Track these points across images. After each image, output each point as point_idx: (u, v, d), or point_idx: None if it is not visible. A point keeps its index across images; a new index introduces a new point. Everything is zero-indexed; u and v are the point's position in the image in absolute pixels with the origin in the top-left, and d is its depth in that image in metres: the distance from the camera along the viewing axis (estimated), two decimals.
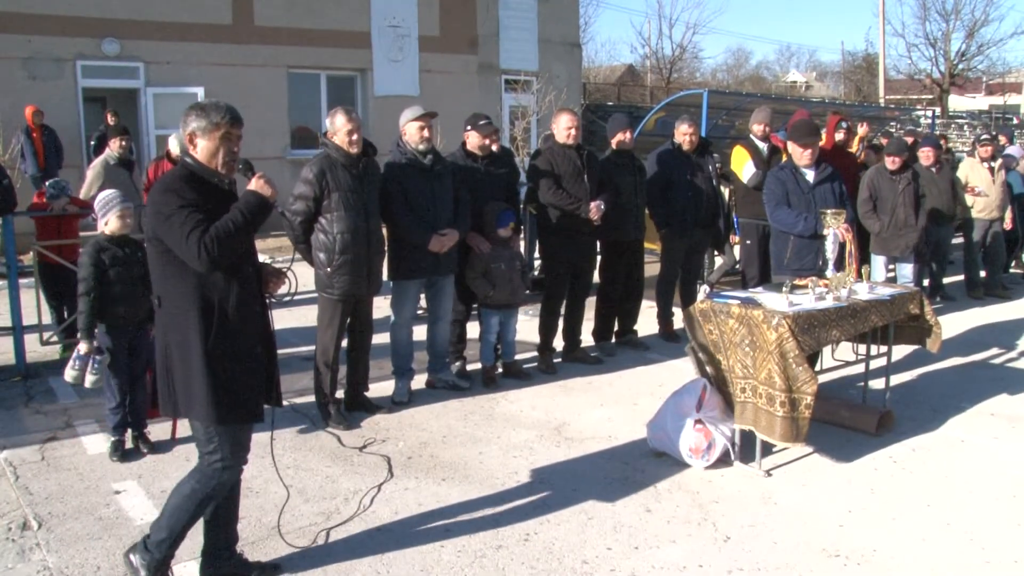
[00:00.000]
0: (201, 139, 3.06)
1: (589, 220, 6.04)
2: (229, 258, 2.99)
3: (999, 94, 41.06)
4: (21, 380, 6.00)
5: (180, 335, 3.04)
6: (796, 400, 4.17)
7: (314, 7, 14.60)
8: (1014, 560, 3.58)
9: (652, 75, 38.22)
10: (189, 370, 3.04)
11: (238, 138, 3.13)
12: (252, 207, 3.04)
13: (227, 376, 3.06)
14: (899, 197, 7.46)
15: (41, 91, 12.23)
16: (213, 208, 3.01)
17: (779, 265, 5.68)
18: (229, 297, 3.06)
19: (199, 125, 3.05)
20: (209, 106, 3.09)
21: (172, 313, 3.05)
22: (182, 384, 3.06)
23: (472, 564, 3.53)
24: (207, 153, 3.07)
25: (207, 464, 3.15)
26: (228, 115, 3.08)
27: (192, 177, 3.06)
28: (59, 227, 6.62)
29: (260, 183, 3.09)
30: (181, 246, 2.93)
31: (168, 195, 2.98)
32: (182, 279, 3.01)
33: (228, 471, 3.17)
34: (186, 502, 3.17)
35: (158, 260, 3.06)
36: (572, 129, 6.04)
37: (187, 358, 3.04)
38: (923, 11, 34.48)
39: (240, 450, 3.20)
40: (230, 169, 3.12)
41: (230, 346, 3.06)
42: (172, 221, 2.93)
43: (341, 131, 4.90)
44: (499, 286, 5.71)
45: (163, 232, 2.97)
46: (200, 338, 3.01)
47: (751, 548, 3.67)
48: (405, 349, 5.57)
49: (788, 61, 54.14)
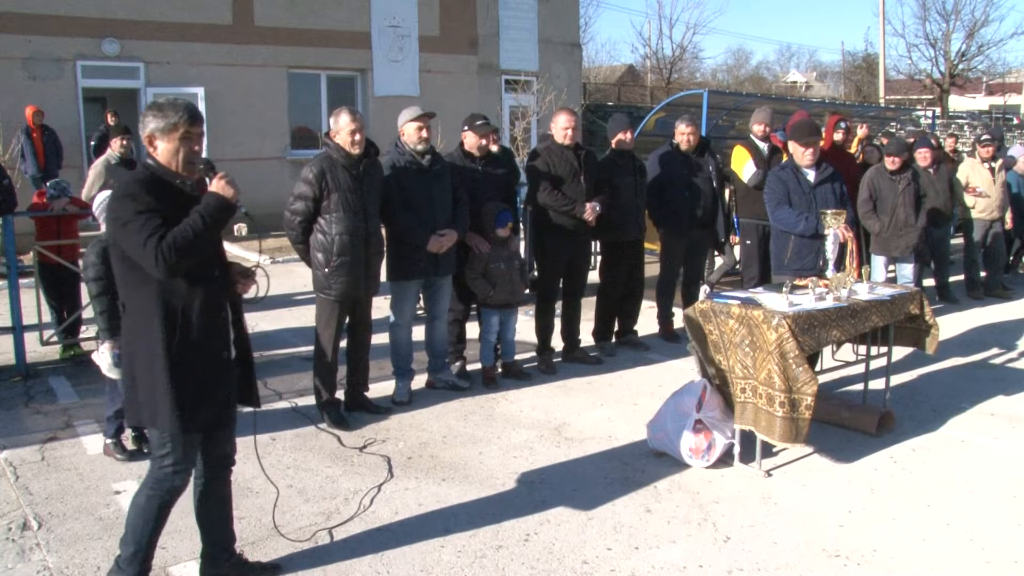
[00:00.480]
0: (160, 140, 2.97)
1: (584, 220, 6.05)
2: (188, 264, 2.91)
3: (999, 94, 41.07)
4: (21, 380, 6.00)
5: (144, 343, 2.97)
6: (796, 401, 4.17)
7: (314, 7, 14.60)
8: (1014, 560, 3.58)
9: (652, 75, 38.23)
10: (153, 376, 2.97)
11: (199, 136, 3.04)
12: (212, 210, 2.94)
13: (191, 384, 2.99)
14: (899, 197, 7.46)
15: (41, 91, 12.23)
16: (174, 211, 2.92)
17: (779, 265, 5.69)
18: (193, 303, 2.98)
19: (157, 126, 2.96)
20: (167, 105, 2.99)
21: (136, 320, 2.99)
22: (146, 393, 2.99)
23: (472, 564, 3.53)
24: (167, 154, 2.98)
25: (158, 468, 3.09)
26: (187, 114, 2.98)
27: (151, 180, 2.96)
28: (59, 227, 6.62)
29: (221, 184, 2.99)
30: (139, 253, 2.85)
31: (124, 201, 2.90)
32: (144, 285, 2.94)
33: (179, 475, 3.11)
34: (144, 512, 3.12)
35: (120, 266, 2.98)
36: (569, 129, 6.04)
37: (151, 365, 2.96)
38: (923, 11, 34.52)
39: (191, 455, 3.15)
40: (191, 170, 3.03)
41: (194, 353, 2.99)
42: (129, 228, 2.85)
43: (344, 130, 4.90)
44: (499, 286, 5.71)
45: (121, 239, 2.90)
46: (164, 346, 2.93)
47: (751, 548, 3.67)
48: (405, 349, 5.57)
49: (788, 61, 54.21)
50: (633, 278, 6.74)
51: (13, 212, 6.45)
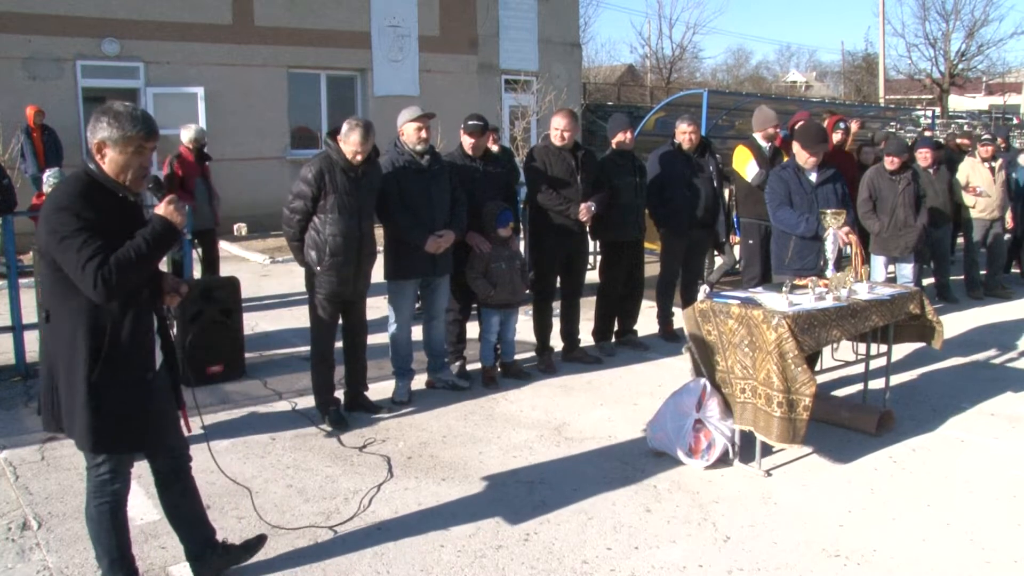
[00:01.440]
0: (111, 150, 2.82)
1: (580, 220, 6.06)
2: (127, 288, 2.78)
3: (999, 94, 41.08)
4: (21, 380, 6.00)
5: (66, 356, 2.86)
6: (794, 401, 4.17)
7: (314, 7, 14.60)
8: (1014, 560, 3.58)
9: (652, 75, 38.23)
10: (73, 393, 2.87)
11: (151, 151, 2.92)
12: (158, 235, 2.82)
13: (110, 406, 2.88)
14: (899, 197, 7.46)
15: (41, 91, 12.23)
16: (114, 223, 2.79)
17: (780, 265, 5.69)
18: (122, 323, 2.87)
19: (110, 135, 2.81)
20: (124, 115, 2.83)
21: (60, 333, 2.87)
22: (66, 403, 2.90)
23: (472, 564, 3.53)
24: (115, 166, 2.83)
25: (95, 477, 3.03)
26: (144, 128, 2.84)
27: (93, 187, 2.82)
28: None
29: (169, 209, 2.87)
30: (76, 273, 2.71)
31: (63, 214, 2.72)
32: (72, 300, 2.81)
33: (117, 479, 3.06)
34: (99, 523, 3.08)
35: (48, 276, 2.83)
36: (564, 131, 6.03)
37: (72, 381, 2.86)
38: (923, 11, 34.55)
39: (125, 463, 3.09)
40: (138, 185, 2.90)
41: (117, 375, 2.88)
42: (67, 245, 2.70)
43: (351, 145, 4.87)
44: (500, 286, 5.72)
45: (57, 254, 2.74)
46: (86, 365, 2.82)
47: (751, 548, 3.67)
48: (404, 349, 5.57)
49: (788, 61, 54.25)
50: (633, 278, 6.74)
51: (13, 212, 6.45)
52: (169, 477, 3.26)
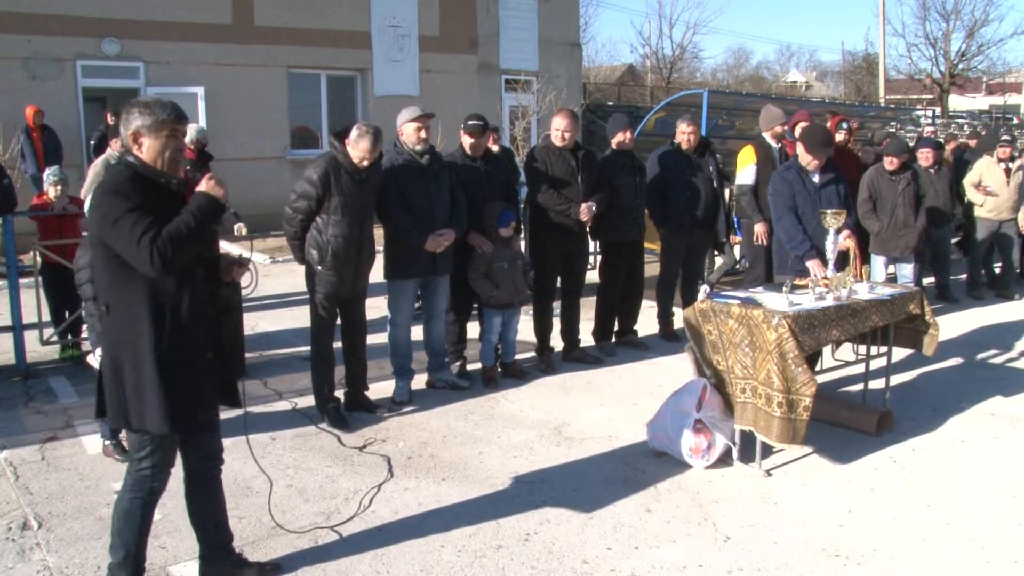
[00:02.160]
0: (146, 138, 2.95)
1: (581, 220, 6.06)
2: (181, 262, 2.89)
3: (999, 94, 41.05)
4: (21, 380, 6.00)
5: (130, 343, 2.94)
6: (794, 402, 4.17)
7: (314, 7, 14.59)
8: (1014, 560, 3.58)
9: (652, 75, 38.21)
10: (141, 377, 2.94)
11: (183, 135, 3.05)
12: (204, 209, 2.94)
13: (180, 384, 2.97)
14: (899, 197, 7.46)
15: (41, 91, 12.23)
16: (161, 209, 2.90)
17: (782, 265, 5.66)
18: (181, 302, 2.97)
19: (144, 123, 2.94)
20: (153, 103, 2.98)
21: (122, 320, 2.95)
22: (134, 394, 2.97)
23: (472, 564, 3.53)
24: (152, 152, 2.96)
25: (136, 471, 3.09)
26: (174, 112, 2.98)
27: (137, 178, 2.94)
28: (61, 227, 6.62)
29: (211, 184, 3.00)
30: (131, 251, 2.81)
31: (113, 197, 2.87)
32: (131, 285, 2.91)
33: (158, 477, 3.12)
34: (128, 515, 3.12)
35: (105, 266, 2.94)
36: (563, 131, 6.03)
37: (139, 365, 2.94)
38: (923, 11, 34.47)
39: (169, 456, 3.14)
40: (176, 168, 3.03)
41: (182, 353, 2.98)
42: (120, 225, 2.82)
43: (358, 149, 4.87)
44: (502, 286, 5.72)
45: (110, 237, 2.85)
46: (152, 345, 2.91)
47: (751, 548, 3.67)
48: (405, 349, 5.57)
49: (788, 61, 54.19)
50: (633, 278, 6.74)
51: (13, 212, 6.45)
52: (199, 477, 3.29)
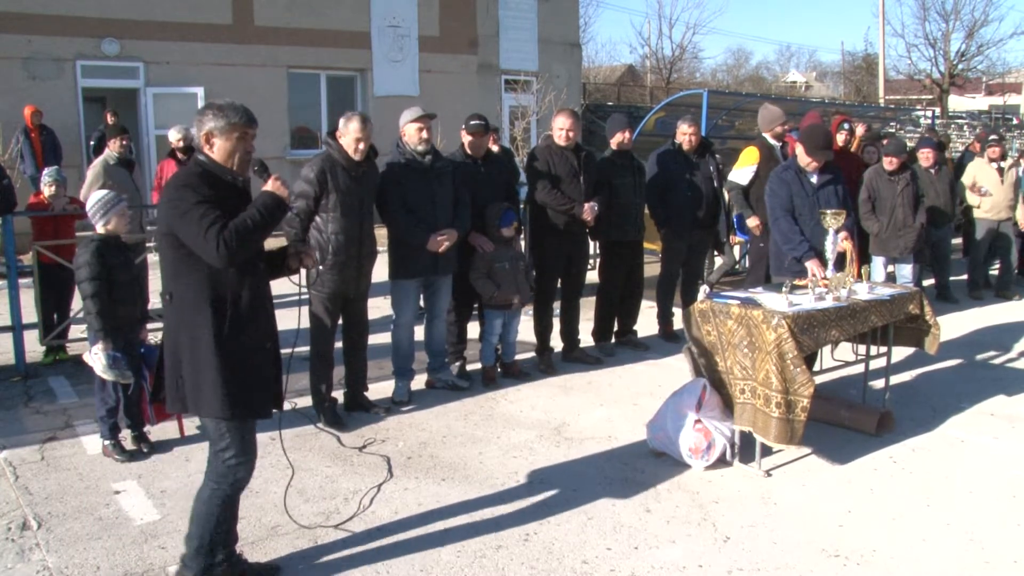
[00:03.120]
0: (218, 139, 3.08)
1: (582, 220, 6.05)
2: (245, 255, 3.03)
3: (999, 94, 41.05)
4: (21, 380, 6.00)
5: (191, 330, 3.06)
6: (793, 402, 4.17)
7: (314, 7, 14.59)
8: (1014, 560, 3.58)
9: (652, 75, 38.19)
10: (199, 364, 3.05)
11: (253, 138, 3.17)
12: (268, 206, 3.07)
13: (238, 371, 3.08)
14: (898, 198, 7.45)
15: (41, 91, 12.22)
16: (228, 204, 3.03)
17: (779, 266, 5.64)
18: (242, 293, 3.09)
19: (216, 125, 3.07)
20: (226, 106, 3.11)
21: (184, 308, 3.07)
22: (191, 379, 3.07)
23: (472, 564, 3.53)
24: (223, 153, 3.10)
25: (221, 462, 3.17)
26: (245, 116, 3.12)
27: (206, 175, 3.08)
28: (56, 227, 6.61)
29: (276, 184, 3.13)
30: (198, 241, 2.94)
31: (184, 191, 3.00)
32: (195, 274, 3.04)
33: (242, 467, 3.19)
34: (208, 506, 3.19)
35: (172, 255, 3.07)
36: (567, 131, 6.04)
37: (197, 353, 3.05)
38: (923, 11, 34.44)
39: (249, 447, 3.22)
40: (245, 169, 3.16)
41: (241, 341, 3.09)
42: (189, 216, 2.95)
43: (350, 136, 4.90)
44: (504, 286, 5.71)
45: (179, 227, 2.98)
46: (212, 332, 3.03)
47: (751, 548, 3.67)
48: (406, 350, 5.57)
49: (788, 61, 54.16)
50: (633, 278, 6.74)
51: (13, 212, 6.44)
52: None
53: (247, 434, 3.20)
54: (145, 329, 4.91)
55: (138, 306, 4.74)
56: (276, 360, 3.30)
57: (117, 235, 4.66)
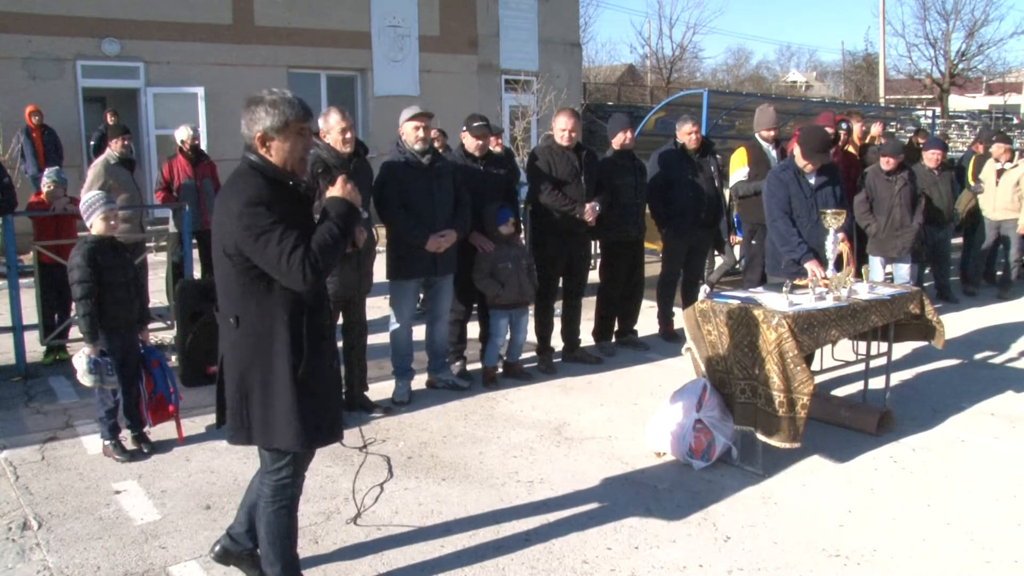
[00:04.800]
0: (276, 139, 2.76)
1: (584, 220, 6.05)
2: (329, 273, 2.75)
3: (999, 94, 41.05)
4: (21, 380, 6.00)
5: (264, 359, 2.80)
6: (793, 400, 4.18)
7: (314, 7, 14.59)
8: (1014, 560, 3.58)
9: (652, 75, 38.21)
10: (272, 397, 2.82)
11: (311, 133, 2.88)
12: (344, 216, 2.76)
13: (312, 401, 2.86)
14: (895, 198, 7.45)
15: (41, 91, 12.23)
16: (296, 216, 2.73)
17: (775, 266, 5.62)
18: (316, 315, 2.85)
19: (273, 124, 2.74)
20: (280, 100, 2.74)
21: (255, 335, 2.80)
22: (261, 412, 2.84)
23: (472, 564, 3.52)
24: (282, 154, 2.77)
25: (275, 481, 3.01)
26: (301, 109, 2.78)
27: (272, 184, 2.75)
28: (57, 227, 6.61)
29: (347, 189, 2.82)
30: (280, 267, 2.65)
31: (256, 209, 2.66)
32: (268, 297, 2.76)
33: (296, 484, 3.08)
34: (276, 527, 3.06)
35: (239, 277, 2.76)
36: (569, 131, 6.03)
37: (271, 384, 2.81)
38: (923, 11, 34.50)
39: (305, 465, 3.10)
40: (303, 170, 2.85)
41: (315, 367, 2.86)
42: (266, 239, 2.64)
43: (335, 129, 4.91)
44: (507, 285, 5.71)
45: (253, 251, 2.67)
46: (289, 362, 2.78)
47: (751, 548, 3.67)
48: (405, 349, 5.56)
49: (788, 61, 54.22)
50: (633, 278, 6.74)
51: (13, 212, 6.44)
52: None
53: (303, 456, 3.05)
54: (146, 330, 4.91)
55: (136, 307, 4.73)
56: (339, 378, 3.12)
57: (111, 236, 4.65)
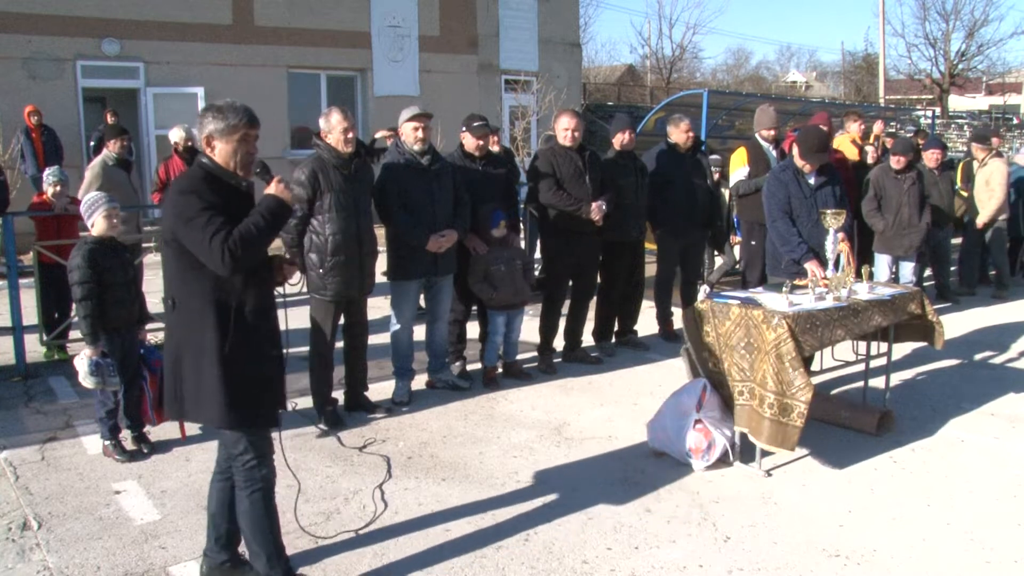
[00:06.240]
0: (219, 141, 3.03)
1: (591, 220, 6.04)
2: (251, 262, 2.97)
3: (999, 94, 41.06)
4: (21, 380, 6.00)
5: (196, 337, 3.01)
6: (788, 406, 4.13)
7: (314, 7, 14.60)
8: (1014, 560, 3.58)
9: (652, 75, 38.22)
10: (202, 373, 3.00)
11: (255, 139, 3.12)
12: (273, 211, 3.01)
13: (242, 380, 3.02)
14: (904, 196, 7.45)
15: (41, 91, 12.23)
16: (232, 209, 2.98)
17: (775, 266, 5.62)
18: (247, 300, 3.04)
19: (217, 127, 3.02)
20: (227, 108, 3.05)
21: (188, 315, 3.02)
22: (193, 387, 3.03)
23: (472, 564, 3.53)
24: (225, 155, 3.04)
25: (242, 467, 3.13)
26: (246, 117, 3.06)
27: (210, 178, 3.03)
28: (58, 227, 6.61)
29: (280, 187, 3.07)
30: (203, 249, 2.89)
31: (189, 197, 2.94)
32: (200, 281, 2.98)
33: (264, 466, 3.16)
34: (252, 515, 3.14)
35: (176, 262, 3.02)
36: (571, 131, 6.03)
37: (201, 361, 3.00)
38: (923, 11, 34.52)
39: (267, 444, 3.19)
40: (247, 171, 3.10)
41: (246, 350, 3.03)
42: (194, 224, 2.89)
43: (336, 129, 4.91)
44: (501, 288, 5.70)
45: (184, 234, 2.93)
46: (217, 341, 2.98)
47: (751, 548, 3.67)
48: (406, 350, 5.56)
49: (788, 61, 54.24)
50: (633, 278, 6.73)
51: (3, 212, 6.43)
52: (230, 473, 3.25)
53: (258, 437, 3.15)
54: (144, 330, 4.91)
55: (135, 307, 4.72)
56: (280, 367, 3.25)
57: (112, 236, 4.65)
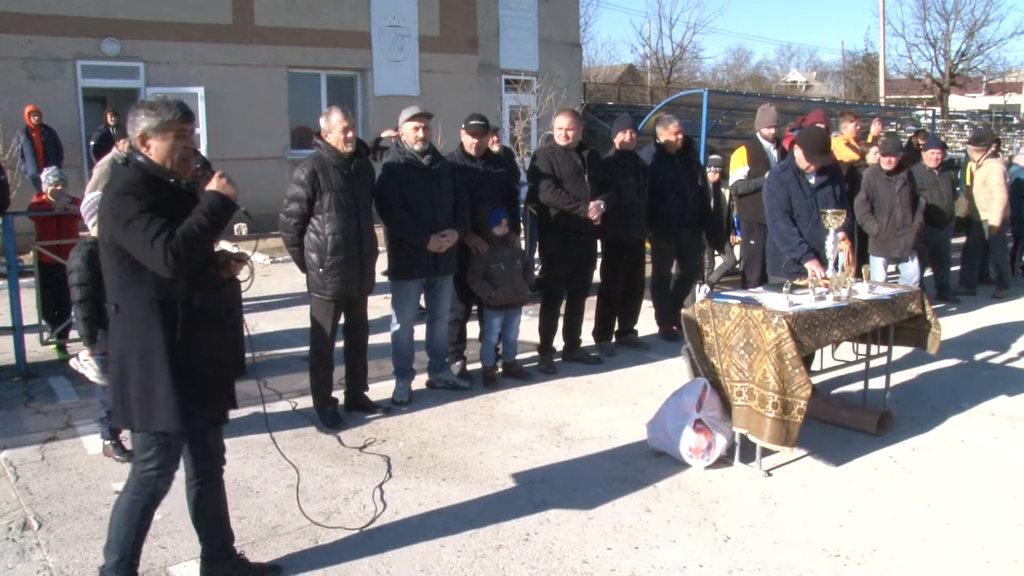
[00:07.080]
0: (154, 139, 2.93)
1: (589, 220, 6.04)
2: (195, 261, 2.90)
3: (999, 94, 41.06)
4: (21, 380, 6.00)
5: (140, 342, 2.94)
6: (789, 404, 4.16)
7: (314, 7, 14.59)
8: (1014, 560, 3.58)
9: (652, 75, 38.22)
10: (150, 378, 2.93)
11: (191, 133, 3.03)
12: (215, 208, 2.92)
13: (190, 383, 2.97)
14: (896, 197, 7.45)
15: (41, 91, 12.23)
16: (172, 209, 2.89)
17: (776, 266, 5.62)
18: (191, 301, 2.97)
19: (151, 125, 2.92)
20: (158, 103, 2.95)
21: (132, 320, 2.95)
22: (139, 393, 2.95)
23: (472, 564, 3.53)
24: (161, 153, 2.94)
25: (141, 472, 3.06)
26: (180, 111, 2.95)
27: (147, 178, 2.93)
28: (58, 227, 6.62)
29: (221, 183, 2.98)
30: (144, 251, 2.81)
31: (126, 199, 2.85)
32: (140, 284, 2.91)
33: (163, 478, 3.10)
34: (126, 517, 3.10)
35: (116, 266, 2.93)
36: (566, 130, 6.03)
37: (148, 365, 2.94)
38: (923, 11, 34.54)
39: (174, 458, 3.12)
40: (186, 168, 3.00)
41: (193, 351, 2.98)
42: (133, 226, 2.81)
43: (337, 128, 4.91)
44: (500, 287, 5.71)
45: (123, 238, 2.84)
46: (163, 345, 2.92)
47: (751, 548, 3.67)
48: (406, 350, 5.56)
49: (788, 61, 54.24)
50: (633, 278, 6.73)
51: (3, 211, 6.43)
52: (203, 476, 3.26)
53: (173, 447, 3.08)
54: None
55: None
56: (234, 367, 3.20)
57: None
